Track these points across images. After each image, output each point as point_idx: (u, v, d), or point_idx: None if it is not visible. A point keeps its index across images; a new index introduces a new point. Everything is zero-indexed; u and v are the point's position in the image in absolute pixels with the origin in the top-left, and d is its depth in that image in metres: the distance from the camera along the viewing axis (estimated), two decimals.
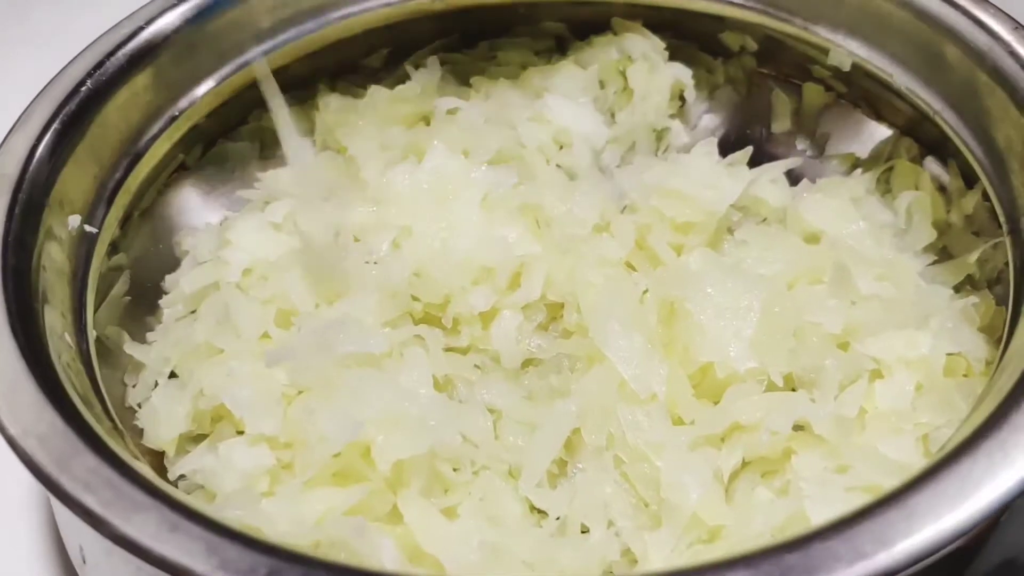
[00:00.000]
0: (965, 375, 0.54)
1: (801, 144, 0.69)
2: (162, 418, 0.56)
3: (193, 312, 0.62)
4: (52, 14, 0.87)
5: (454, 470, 0.53)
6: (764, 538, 0.48)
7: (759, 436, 0.52)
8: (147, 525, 0.38)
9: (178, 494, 0.40)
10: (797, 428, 0.53)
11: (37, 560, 0.57)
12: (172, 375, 0.59)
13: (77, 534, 0.50)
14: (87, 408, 0.45)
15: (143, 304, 0.62)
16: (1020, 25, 0.55)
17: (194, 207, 0.67)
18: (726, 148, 0.66)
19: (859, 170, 0.67)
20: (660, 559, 0.50)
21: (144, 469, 0.42)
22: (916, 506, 0.38)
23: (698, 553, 0.50)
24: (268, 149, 0.70)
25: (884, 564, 0.36)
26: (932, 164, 0.63)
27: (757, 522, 0.49)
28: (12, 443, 0.41)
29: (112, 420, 0.48)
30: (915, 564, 0.37)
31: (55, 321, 0.50)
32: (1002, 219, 0.53)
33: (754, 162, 0.66)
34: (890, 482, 0.48)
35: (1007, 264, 0.57)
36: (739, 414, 0.53)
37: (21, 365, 0.44)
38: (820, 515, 0.47)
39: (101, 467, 0.41)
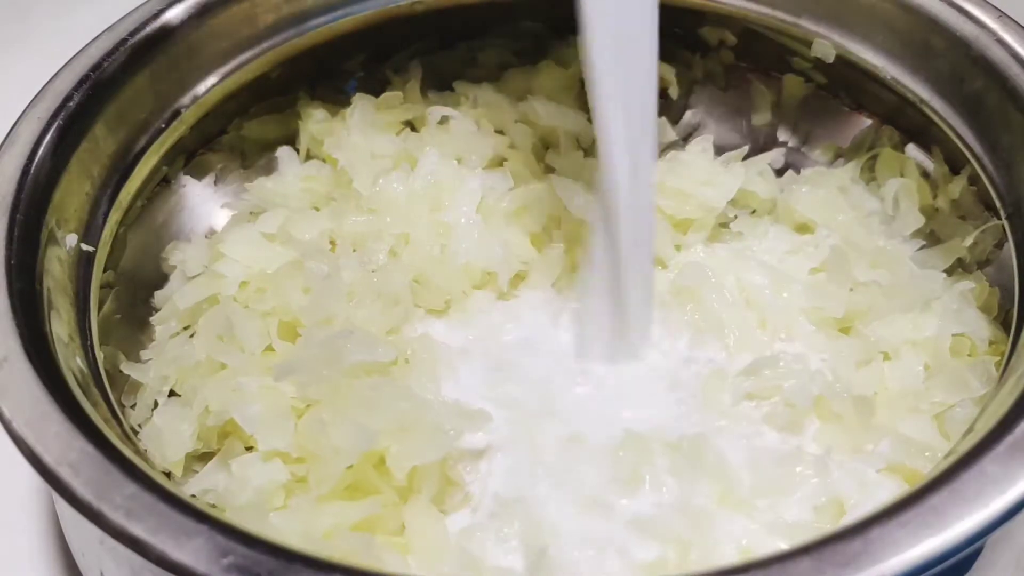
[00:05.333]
0: (969, 355, 0.55)
1: (783, 136, 0.70)
2: (167, 438, 0.55)
3: (187, 328, 0.60)
4: (52, 14, 0.85)
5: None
6: (800, 520, 0.49)
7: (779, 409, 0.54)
8: (200, 551, 0.37)
9: (225, 517, 0.39)
10: (820, 405, 0.54)
11: (40, 561, 0.56)
12: (171, 393, 0.58)
13: (97, 560, 0.48)
14: (111, 431, 0.44)
15: (133, 322, 0.61)
16: (1004, 14, 0.56)
17: (178, 220, 0.66)
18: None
19: (841, 159, 0.68)
20: None
21: (182, 492, 0.41)
22: (964, 489, 0.39)
23: None
24: (249, 159, 0.69)
25: (941, 547, 0.37)
26: (914, 151, 0.65)
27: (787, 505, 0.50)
28: (48, 476, 0.40)
29: (134, 443, 0.46)
30: (969, 546, 0.37)
31: (64, 343, 0.48)
32: (999, 204, 0.55)
33: None
34: (913, 462, 0.50)
35: (998, 246, 0.59)
36: (763, 389, 0.55)
37: (43, 392, 0.43)
38: (852, 499, 0.49)
39: (141, 493, 0.40)
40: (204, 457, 0.56)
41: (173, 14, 0.60)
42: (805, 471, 0.51)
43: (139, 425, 0.56)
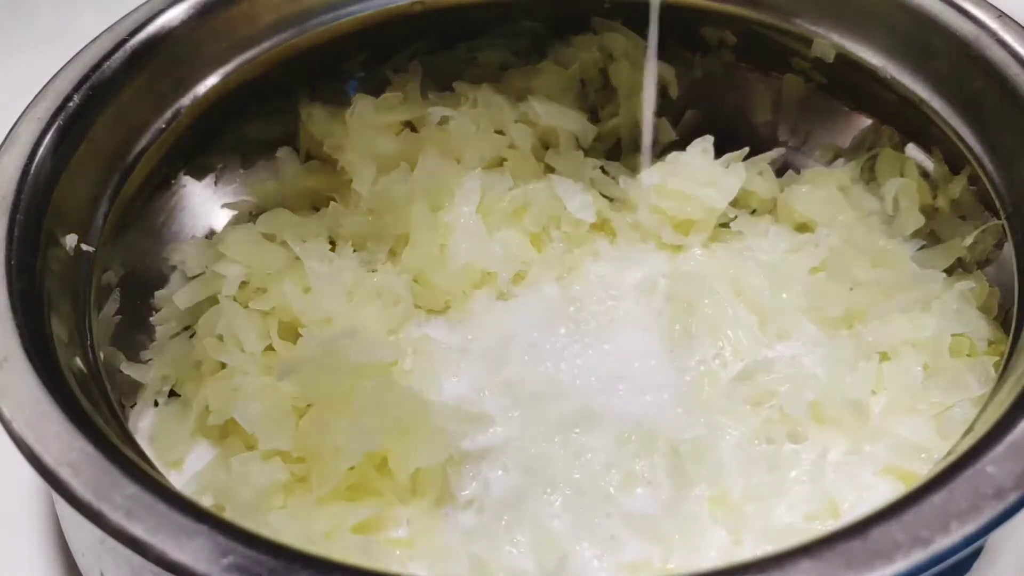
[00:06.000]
0: (969, 355, 0.55)
1: (783, 135, 0.70)
2: (167, 438, 0.55)
3: (187, 328, 0.61)
4: (52, 14, 0.85)
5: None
6: (794, 524, 0.49)
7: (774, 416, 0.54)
8: (200, 551, 0.37)
9: (226, 517, 0.39)
10: (815, 409, 0.54)
11: (40, 561, 0.56)
12: (171, 393, 0.58)
13: (97, 560, 0.48)
14: (111, 431, 0.44)
15: (133, 322, 0.61)
16: (1004, 14, 0.56)
17: (178, 221, 0.65)
18: None
19: (841, 159, 0.68)
20: None
21: (183, 493, 0.41)
22: (964, 489, 0.39)
23: None
24: (249, 159, 0.69)
25: (940, 547, 0.37)
26: (914, 151, 0.65)
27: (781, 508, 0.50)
28: (48, 476, 0.40)
29: (134, 443, 0.46)
30: (969, 546, 0.37)
31: (64, 343, 0.48)
32: (999, 204, 0.55)
33: None
34: (910, 465, 0.50)
35: (998, 246, 0.59)
36: (758, 392, 0.55)
37: (43, 392, 0.43)
38: (848, 501, 0.49)
39: (141, 493, 0.40)
40: None
41: (173, 14, 0.60)
42: (800, 476, 0.51)
43: (139, 425, 0.56)
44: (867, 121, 0.67)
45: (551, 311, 0.61)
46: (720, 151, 0.65)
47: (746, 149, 0.65)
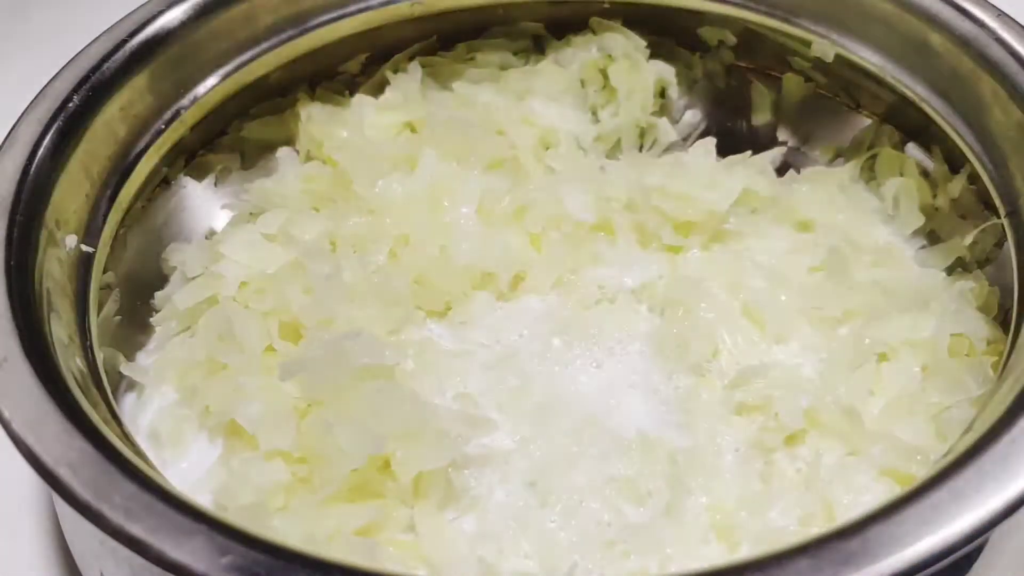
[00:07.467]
0: (967, 355, 0.55)
1: (783, 135, 0.70)
2: (167, 438, 0.55)
3: (187, 329, 0.61)
4: (52, 15, 0.85)
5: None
6: (790, 529, 0.49)
7: (769, 423, 0.54)
8: (199, 551, 0.38)
9: (225, 517, 0.39)
10: (810, 415, 0.54)
11: (40, 561, 0.56)
12: (171, 394, 0.58)
13: (97, 560, 0.48)
14: (110, 431, 0.44)
15: (133, 323, 0.61)
16: (1003, 13, 0.56)
17: (179, 221, 0.65)
18: None
19: (841, 159, 0.68)
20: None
21: (181, 493, 0.41)
22: (963, 487, 0.39)
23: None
24: (249, 160, 0.69)
25: (939, 545, 0.37)
26: (913, 150, 0.65)
27: (777, 513, 0.50)
28: (47, 476, 0.40)
29: (133, 443, 0.46)
30: (968, 544, 0.37)
31: (64, 344, 0.48)
32: (998, 203, 0.55)
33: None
34: (907, 467, 0.49)
35: (998, 245, 0.59)
36: (754, 398, 0.54)
37: (43, 393, 0.43)
38: (843, 505, 0.49)
39: (140, 493, 0.40)
40: None
41: (173, 15, 0.60)
42: (795, 481, 0.51)
43: (139, 425, 0.56)
44: (867, 121, 0.67)
45: (551, 315, 0.60)
46: (720, 151, 0.65)
47: (748, 153, 0.65)
